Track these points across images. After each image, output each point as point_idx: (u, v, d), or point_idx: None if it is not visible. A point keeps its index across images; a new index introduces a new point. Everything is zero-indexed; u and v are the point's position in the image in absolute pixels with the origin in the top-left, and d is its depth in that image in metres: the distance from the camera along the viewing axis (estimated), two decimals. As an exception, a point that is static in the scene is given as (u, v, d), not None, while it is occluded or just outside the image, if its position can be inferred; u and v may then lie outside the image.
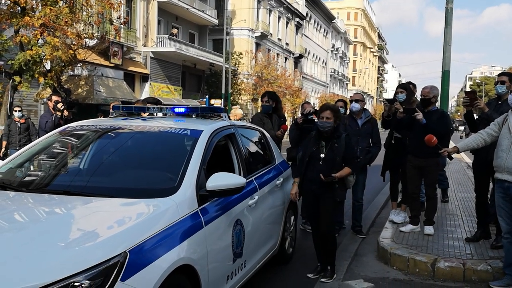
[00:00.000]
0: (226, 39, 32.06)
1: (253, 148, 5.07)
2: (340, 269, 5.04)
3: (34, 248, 2.46)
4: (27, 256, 2.39)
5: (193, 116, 4.52)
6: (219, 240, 3.44)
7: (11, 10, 14.77)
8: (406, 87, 6.44)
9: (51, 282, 2.25)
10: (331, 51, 67.50)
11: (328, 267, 4.86)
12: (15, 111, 10.55)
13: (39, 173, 3.94)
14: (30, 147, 4.17)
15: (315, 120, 6.19)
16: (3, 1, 15.06)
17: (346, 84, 78.68)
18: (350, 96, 7.06)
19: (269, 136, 5.63)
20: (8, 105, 15.50)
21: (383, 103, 8.06)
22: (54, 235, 2.63)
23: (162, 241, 2.78)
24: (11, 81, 15.38)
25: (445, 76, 10.46)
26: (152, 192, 3.24)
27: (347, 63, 79.72)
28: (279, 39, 47.18)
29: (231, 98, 33.54)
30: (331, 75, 67.86)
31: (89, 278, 2.33)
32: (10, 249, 2.46)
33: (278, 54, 46.27)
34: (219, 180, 3.37)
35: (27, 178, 3.84)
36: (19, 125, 10.27)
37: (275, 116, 6.79)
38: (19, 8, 14.86)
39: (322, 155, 4.76)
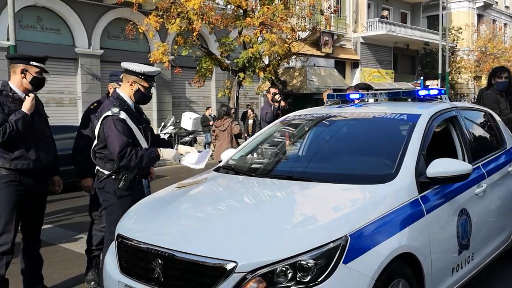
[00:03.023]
0: (442, 14, 29.80)
1: (479, 131, 4.60)
2: None
3: (265, 227, 2.70)
4: (261, 233, 2.64)
5: (409, 100, 4.34)
6: (442, 230, 3.24)
7: (235, 13, 16.51)
8: None
9: (282, 259, 2.44)
10: None
11: None
12: None
13: (264, 160, 4.32)
14: (256, 137, 4.60)
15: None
16: (228, 6, 16.90)
17: None
18: None
19: (498, 117, 5.02)
20: (235, 99, 17.45)
21: None
22: (279, 216, 2.85)
23: (381, 228, 2.75)
24: (236, 77, 17.26)
25: None
26: (369, 178, 3.23)
27: None
28: (507, 7, 41.58)
29: (449, 77, 31.11)
30: None
31: (314, 258, 2.45)
32: (246, 225, 2.76)
33: (505, 24, 40.92)
34: (441, 167, 3.18)
35: (254, 165, 4.25)
36: None
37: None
38: (242, 11, 16.50)
39: None
